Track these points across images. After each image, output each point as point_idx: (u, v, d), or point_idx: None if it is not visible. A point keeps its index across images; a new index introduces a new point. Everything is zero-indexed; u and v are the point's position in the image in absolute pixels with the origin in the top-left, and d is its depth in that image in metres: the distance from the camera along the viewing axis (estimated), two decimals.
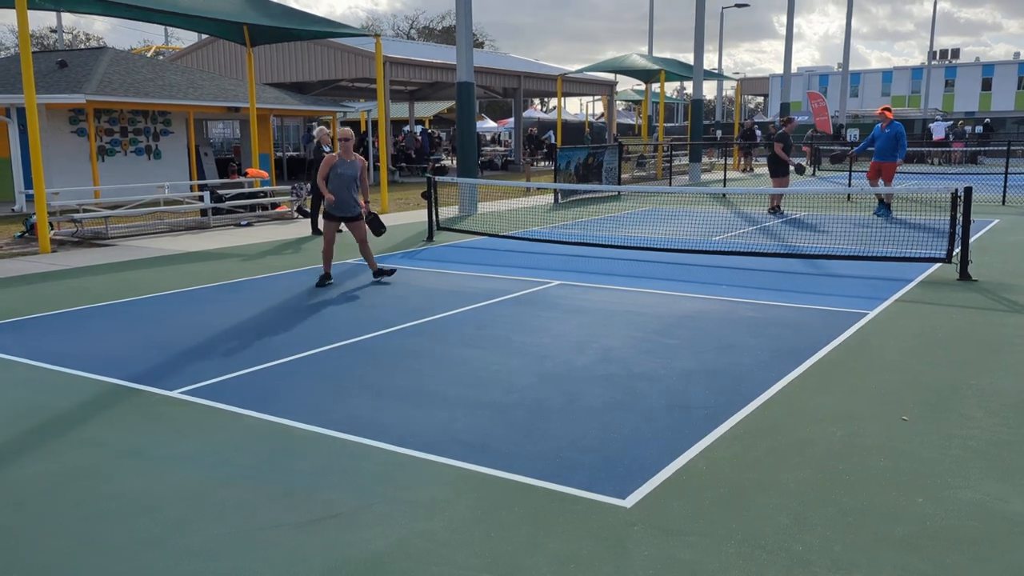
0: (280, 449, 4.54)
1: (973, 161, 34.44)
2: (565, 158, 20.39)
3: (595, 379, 5.75)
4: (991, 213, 15.92)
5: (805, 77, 74.90)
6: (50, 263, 11.23)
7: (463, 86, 17.13)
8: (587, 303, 8.31)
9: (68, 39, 59.19)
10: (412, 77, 29.75)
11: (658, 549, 3.43)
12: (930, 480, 4.09)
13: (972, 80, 70.55)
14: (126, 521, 3.72)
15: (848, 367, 6.01)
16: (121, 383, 5.74)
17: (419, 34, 71.30)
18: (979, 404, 5.19)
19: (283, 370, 6.03)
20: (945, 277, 9.42)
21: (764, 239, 12.86)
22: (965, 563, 3.31)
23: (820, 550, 3.42)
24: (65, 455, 4.49)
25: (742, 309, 7.96)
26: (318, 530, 3.62)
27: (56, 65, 20.61)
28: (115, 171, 20.35)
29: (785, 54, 33.93)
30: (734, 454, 4.43)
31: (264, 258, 11.53)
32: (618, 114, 50.83)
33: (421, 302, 8.36)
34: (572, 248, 11.86)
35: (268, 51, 29.46)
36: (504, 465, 4.27)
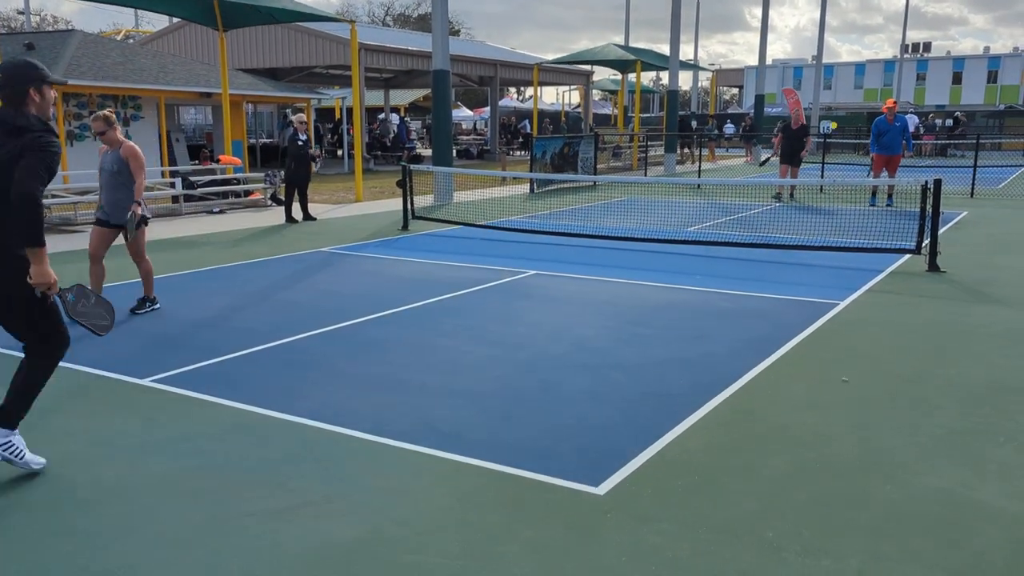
0: (253, 437, 4.52)
1: (943, 154, 34.90)
2: (542, 147, 20.40)
3: (570, 368, 5.78)
4: (960, 205, 16.15)
5: (780, 69, 75.45)
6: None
7: (439, 74, 17.05)
8: (562, 293, 8.33)
9: (36, 21, 58.10)
10: (387, 64, 29.56)
11: (631, 536, 3.46)
12: (897, 467, 4.16)
13: (943, 74, 71.48)
14: (97, 510, 3.69)
15: (819, 357, 6.09)
16: (91, 371, 5.68)
17: (395, 21, 70.79)
18: (946, 393, 5.28)
19: (256, 358, 6.00)
20: (914, 268, 9.56)
21: (738, 229, 12.96)
22: (930, 548, 3.37)
23: (790, 536, 3.47)
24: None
25: (715, 299, 8.03)
26: (292, 518, 3.61)
27: (23, 48, 20.23)
28: (84, 156, 20.03)
29: (760, 46, 34.11)
30: (706, 442, 4.47)
31: (237, 246, 11.43)
32: (594, 104, 50.89)
33: (396, 291, 8.34)
34: (548, 238, 11.88)
35: (241, 36, 29.10)
36: (479, 453, 4.29)
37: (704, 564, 3.25)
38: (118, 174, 7.16)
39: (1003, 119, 43.01)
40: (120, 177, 7.18)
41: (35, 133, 3.88)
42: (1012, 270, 9.50)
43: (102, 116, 7.25)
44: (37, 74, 4.03)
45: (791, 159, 17.26)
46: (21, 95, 3.97)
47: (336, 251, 10.92)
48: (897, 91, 56.59)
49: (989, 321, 7.13)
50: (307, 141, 13.97)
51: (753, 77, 46.82)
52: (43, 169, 3.83)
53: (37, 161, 3.82)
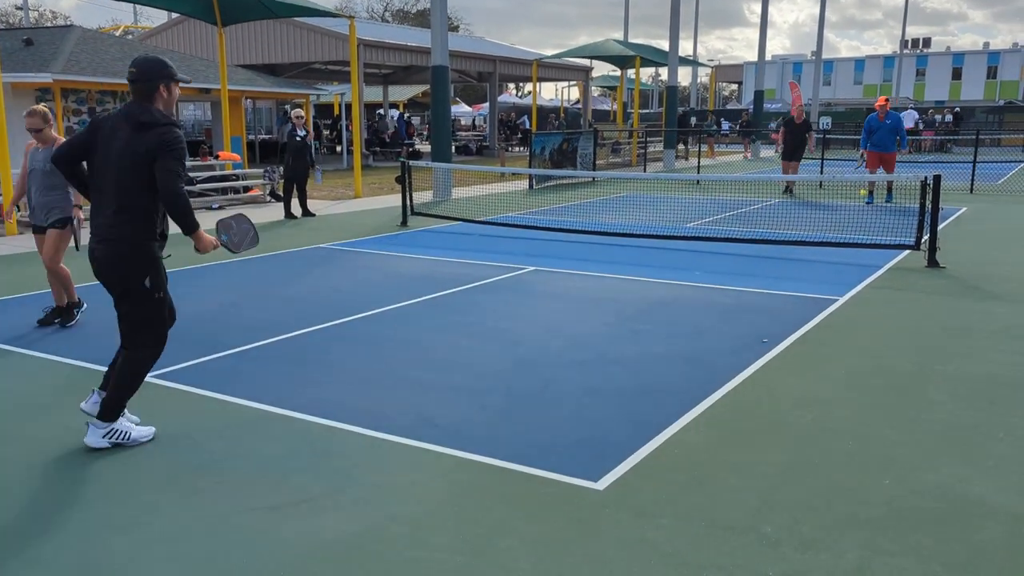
0: (251, 433, 4.52)
1: (943, 149, 34.89)
2: (541, 143, 20.38)
3: (569, 364, 5.78)
4: (959, 201, 16.15)
5: (779, 65, 75.37)
6: (16, 245, 11.04)
7: (438, 70, 17.03)
8: (561, 289, 8.33)
9: (34, 16, 58.01)
10: (386, 60, 29.52)
11: (629, 531, 3.47)
12: (896, 463, 4.16)
13: (943, 69, 71.42)
14: (95, 506, 3.70)
15: (818, 352, 6.09)
16: (90, 367, 5.68)
17: (394, 17, 70.68)
18: (945, 388, 5.29)
19: (255, 354, 6.00)
20: (914, 264, 9.56)
21: (737, 225, 12.96)
22: (929, 543, 3.38)
23: (788, 531, 3.47)
24: (32, 439, 4.44)
25: (715, 295, 8.03)
26: (291, 514, 3.62)
27: (22, 43, 20.20)
28: None
29: (760, 42, 34.08)
30: (705, 437, 4.48)
31: None
32: (593, 100, 50.84)
33: (394, 287, 8.34)
34: (547, 234, 11.88)
35: (240, 32, 29.06)
36: (478, 449, 4.29)
37: (703, 558, 3.26)
38: (51, 174, 6.54)
39: (1002, 115, 42.99)
40: (54, 178, 6.56)
41: (160, 128, 4.17)
42: (1011, 266, 9.50)
43: (40, 112, 6.73)
44: (167, 71, 4.32)
45: (793, 155, 17.26)
46: (152, 90, 4.26)
47: (335, 247, 10.92)
48: (896, 87, 56.57)
49: (988, 317, 7.14)
50: (306, 136, 13.96)
51: (752, 73, 46.79)
52: (178, 166, 4.20)
53: (172, 161, 4.15)
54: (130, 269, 4.28)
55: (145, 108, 4.22)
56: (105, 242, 4.24)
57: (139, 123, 4.16)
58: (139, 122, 4.16)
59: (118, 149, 4.17)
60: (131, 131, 4.16)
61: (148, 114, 4.20)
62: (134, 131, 4.16)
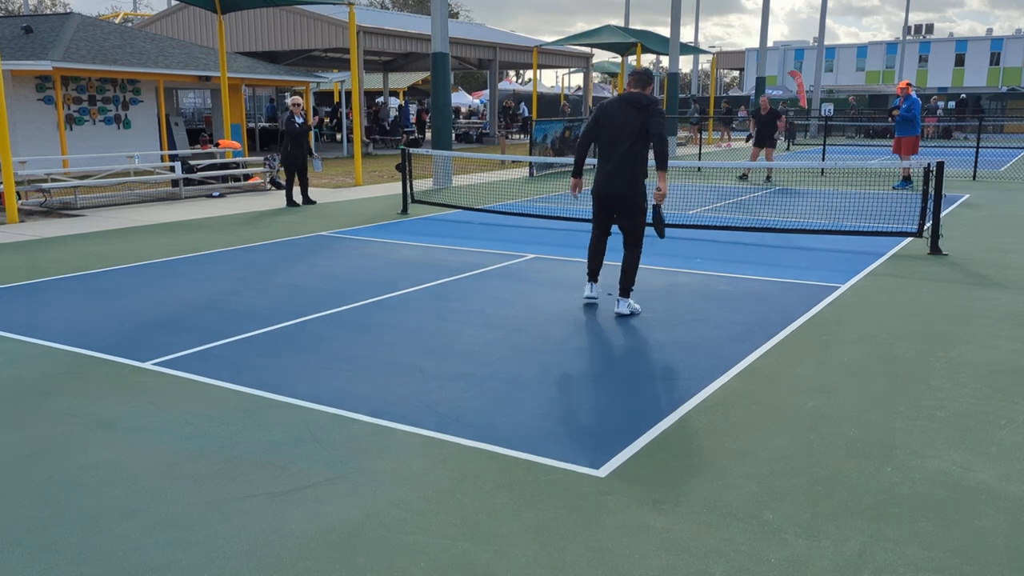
0: (253, 420, 4.52)
1: (946, 136, 34.80)
2: (542, 131, 20.31)
3: (569, 351, 5.78)
4: (962, 188, 16.12)
5: (781, 51, 75.07)
6: (18, 233, 11.03)
7: (438, 56, 16.97)
8: (562, 276, 8.32)
9: (33, 4, 57.76)
10: (386, 47, 29.40)
11: (631, 518, 3.47)
12: (898, 450, 4.16)
13: (945, 56, 71.13)
14: (99, 492, 3.70)
15: (820, 340, 6.08)
16: (93, 354, 5.68)
17: (393, 3, 70.36)
18: (947, 376, 5.28)
19: (255, 342, 5.99)
20: (916, 251, 9.54)
21: (738, 213, 12.93)
22: (931, 530, 3.38)
23: (790, 518, 3.47)
24: (37, 426, 4.45)
25: (716, 282, 8.02)
26: (292, 500, 3.62)
27: (21, 31, 20.12)
28: (84, 140, 19.99)
29: (761, 28, 33.93)
30: (707, 424, 4.48)
31: (236, 229, 11.41)
32: (594, 87, 50.64)
33: (395, 275, 8.33)
34: (547, 221, 11.85)
35: (239, 19, 28.95)
36: (479, 436, 4.29)
37: (704, 545, 3.26)
38: None
39: (1005, 101, 42.83)
40: None
41: (656, 105, 6.48)
42: (1014, 253, 9.48)
43: None
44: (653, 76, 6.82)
45: (762, 142, 18.24)
46: (648, 84, 6.64)
47: (336, 235, 10.90)
48: (899, 73, 56.32)
49: (991, 304, 7.12)
50: (305, 122, 13.92)
51: (754, 59, 46.57)
52: (665, 125, 6.47)
53: (662, 120, 6.47)
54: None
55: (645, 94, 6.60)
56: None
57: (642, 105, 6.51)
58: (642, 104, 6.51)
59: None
60: (636, 111, 6.51)
61: (647, 98, 6.58)
62: (638, 111, 6.49)
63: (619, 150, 6.49)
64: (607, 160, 6.61)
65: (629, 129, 6.44)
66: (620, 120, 6.50)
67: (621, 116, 6.50)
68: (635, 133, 6.43)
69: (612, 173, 6.58)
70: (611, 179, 6.60)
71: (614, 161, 6.54)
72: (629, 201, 6.62)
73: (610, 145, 6.56)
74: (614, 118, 6.54)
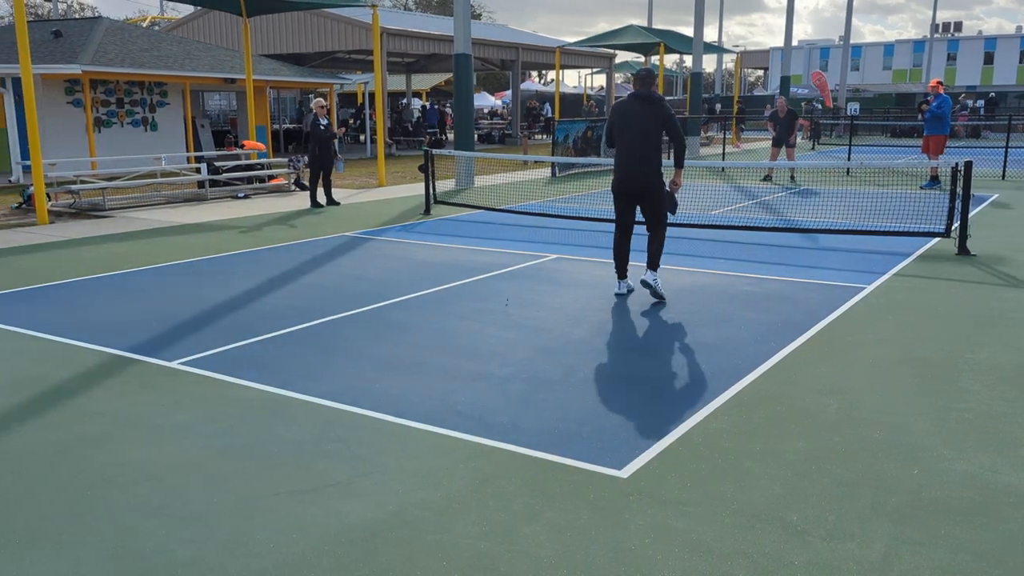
0: (277, 419, 4.56)
1: (975, 135, 34.34)
2: (564, 131, 20.29)
3: (592, 352, 5.77)
4: (991, 188, 15.90)
5: (806, 50, 74.44)
6: (48, 234, 11.20)
7: (461, 58, 17.00)
8: (584, 277, 8.31)
9: (63, 8, 58.59)
10: (409, 49, 29.52)
11: (654, 519, 3.46)
12: (925, 452, 4.12)
13: (974, 53, 70.11)
14: (126, 489, 3.75)
15: (845, 341, 6.03)
16: (120, 354, 5.76)
17: (417, 5, 70.60)
18: (975, 377, 5.22)
19: (280, 341, 6.04)
20: (943, 251, 9.43)
21: (762, 213, 12.84)
22: (958, 533, 3.34)
23: (814, 520, 3.45)
24: (66, 424, 4.51)
25: (739, 283, 7.97)
26: (316, 499, 3.64)
27: (51, 35, 20.42)
28: (111, 142, 20.25)
29: (786, 27, 33.67)
30: (730, 425, 4.45)
31: (261, 230, 11.51)
32: (617, 87, 50.48)
33: (418, 275, 8.36)
34: (569, 222, 11.84)
35: (264, 22, 29.19)
36: (501, 436, 4.30)
37: (727, 547, 3.24)
38: None
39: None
40: None
41: (664, 101, 7.16)
42: None
43: None
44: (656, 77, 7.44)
45: (781, 142, 18.28)
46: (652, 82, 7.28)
47: (359, 235, 10.96)
48: (927, 71, 55.67)
49: (1020, 305, 7.02)
50: (329, 124, 14.00)
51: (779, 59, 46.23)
52: (679, 125, 7.13)
53: (676, 123, 7.11)
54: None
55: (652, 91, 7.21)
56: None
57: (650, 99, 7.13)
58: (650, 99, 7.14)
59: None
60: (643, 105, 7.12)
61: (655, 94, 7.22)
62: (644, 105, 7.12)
63: (635, 144, 7.09)
64: (625, 154, 7.17)
65: (642, 124, 7.06)
66: (634, 117, 7.11)
67: (634, 113, 7.11)
68: (648, 127, 7.04)
69: (631, 165, 7.15)
70: (631, 171, 7.17)
71: (631, 154, 7.12)
72: (649, 188, 7.19)
73: (627, 140, 7.14)
74: (628, 116, 7.14)
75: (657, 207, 7.29)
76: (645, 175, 7.14)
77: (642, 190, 7.21)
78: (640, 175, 7.15)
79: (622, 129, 7.16)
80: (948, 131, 16.18)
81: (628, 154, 7.14)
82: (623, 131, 7.16)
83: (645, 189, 7.20)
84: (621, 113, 7.21)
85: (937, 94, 15.87)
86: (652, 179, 7.17)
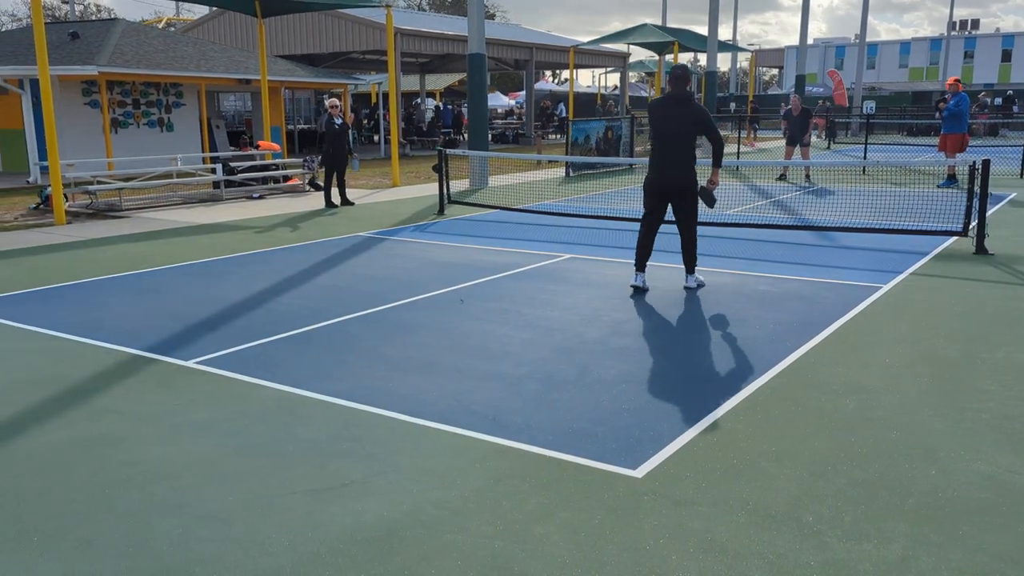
0: (292, 418, 4.58)
1: (994, 134, 34.04)
2: (582, 131, 20.24)
3: (606, 352, 5.76)
4: (1009, 186, 15.75)
5: (821, 49, 73.97)
6: (65, 234, 11.29)
7: (474, 57, 17.01)
8: (598, 276, 8.30)
9: (79, 10, 59.06)
10: (423, 49, 29.57)
11: (669, 519, 3.45)
12: (942, 452, 4.08)
13: (991, 51, 69.46)
14: (143, 487, 3.77)
15: (861, 340, 5.99)
16: (137, 353, 5.80)
17: (430, 5, 70.71)
18: (993, 377, 5.17)
19: (295, 341, 6.07)
20: (961, 251, 9.35)
21: (777, 212, 12.78)
22: (976, 534, 3.31)
23: (830, 520, 3.43)
24: (83, 423, 4.55)
25: (755, 282, 7.94)
26: (331, 498, 3.66)
27: (68, 36, 20.59)
28: (128, 143, 20.39)
29: (801, 25, 33.53)
30: (745, 425, 4.43)
31: (276, 230, 11.56)
32: (631, 86, 50.40)
33: (432, 275, 8.37)
34: (584, 221, 11.83)
35: (279, 23, 29.31)
36: (516, 436, 4.30)
37: (742, 547, 3.23)
38: None
39: None
40: None
41: (699, 104, 7.38)
42: None
43: None
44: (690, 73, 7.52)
45: (794, 141, 18.13)
46: (687, 81, 7.44)
47: (374, 235, 10.99)
48: (943, 69, 55.20)
49: None
50: (344, 124, 14.04)
51: (793, 57, 46.00)
52: (715, 123, 7.38)
53: (713, 123, 7.41)
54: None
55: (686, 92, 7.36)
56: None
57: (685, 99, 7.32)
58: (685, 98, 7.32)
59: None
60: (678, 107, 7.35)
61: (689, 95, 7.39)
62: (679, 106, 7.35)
63: (671, 143, 7.31)
64: (661, 153, 7.40)
65: (678, 124, 7.27)
66: (670, 116, 7.32)
67: (670, 113, 7.33)
68: (684, 128, 7.27)
69: (667, 164, 7.37)
70: (666, 170, 7.39)
71: (667, 153, 7.35)
72: (684, 188, 7.39)
73: (663, 140, 7.37)
74: (665, 115, 7.36)
75: (690, 205, 7.46)
76: (681, 175, 7.34)
77: (678, 189, 7.40)
78: (676, 175, 7.34)
79: (659, 130, 7.38)
80: (966, 129, 16.05)
81: (665, 154, 7.35)
82: (660, 132, 7.37)
83: (681, 188, 7.39)
84: (657, 114, 7.41)
85: (955, 92, 15.76)
86: (688, 178, 7.35)
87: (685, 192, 7.40)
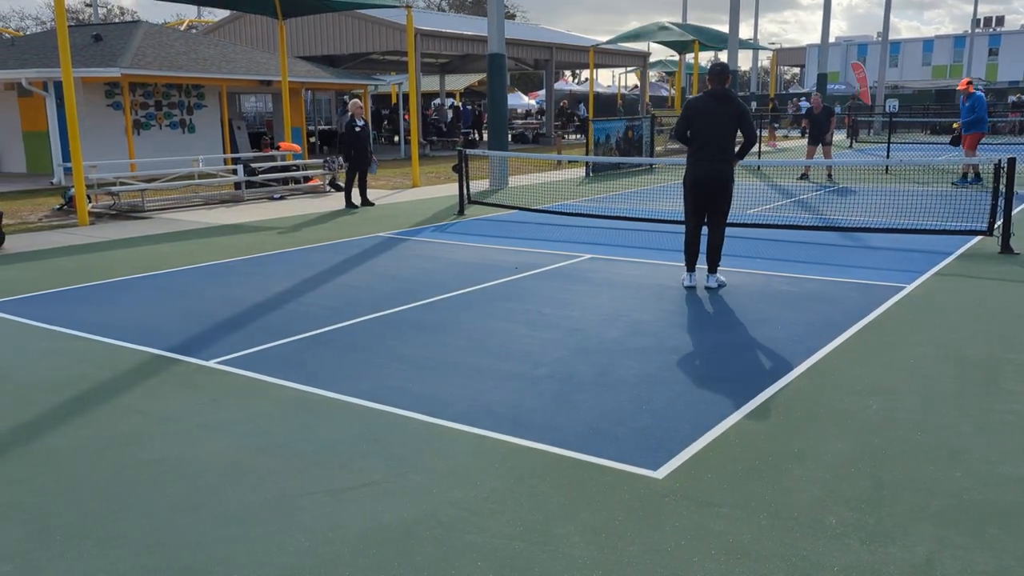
0: (313, 418, 4.59)
1: (1022, 132, 33.59)
2: (603, 131, 20.18)
3: (627, 352, 5.73)
4: None
5: (843, 47, 73.35)
6: (88, 235, 11.40)
7: (494, 57, 17.02)
8: (618, 277, 8.27)
9: (103, 13, 59.69)
10: (443, 49, 29.61)
11: (690, 520, 3.43)
12: (967, 454, 4.03)
13: (1017, 48, 68.57)
14: (165, 487, 3.80)
15: (885, 341, 5.92)
16: (159, 353, 5.84)
17: (450, 6, 70.84)
18: (1019, 378, 5.10)
19: (316, 341, 6.09)
20: (986, 250, 9.23)
21: (799, 212, 12.68)
22: (1002, 537, 3.26)
23: (854, 522, 3.39)
24: (105, 422, 4.59)
25: (777, 282, 7.87)
26: (352, 498, 3.66)
27: (91, 39, 20.80)
28: (150, 145, 20.58)
29: (823, 24, 33.27)
30: (767, 426, 4.40)
31: (297, 231, 11.62)
32: (651, 86, 50.20)
33: (452, 275, 8.38)
34: (604, 221, 11.79)
35: (299, 24, 29.46)
36: (536, 436, 4.29)
37: (765, 550, 3.20)
38: None
39: None
40: None
41: (739, 101, 7.41)
42: None
43: None
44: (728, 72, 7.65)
45: (816, 140, 18.00)
46: (727, 78, 7.47)
47: (394, 236, 11.01)
48: (968, 67, 54.56)
49: None
50: (365, 125, 14.08)
51: (815, 55, 45.65)
52: (752, 121, 7.52)
53: (751, 120, 7.54)
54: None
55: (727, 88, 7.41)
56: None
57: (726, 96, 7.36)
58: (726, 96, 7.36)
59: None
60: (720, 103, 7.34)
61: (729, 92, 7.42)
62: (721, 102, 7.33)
63: (714, 140, 7.33)
64: (704, 149, 7.39)
65: (720, 121, 7.32)
66: (713, 114, 7.35)
67: (713, 110, 7.35)
68: (725, 125, 7.33)
69: (709, 160, 7.38)
70: (708, 166, 7.39)
71: (710, 150, 7.36)
72: (724, 184, 7.43)
73: (706, 136, 7.36)
74: (707, 112, 7.37)
75: (726, 204, 7.53)
76: (723, 172, 7.39)
77: (720, 186, 7.43)
78: (719, 172, 7.38)
79: (701, 128, 7.37)
80: (986, 129, 15.86)
81: (706, 151, 7.37)
82: (702, 129, 7.36)
83: (723, 185, 7.43)
84: (699, 112, 7.40)
85: (970, 94, 15.50)
86: (728, 176, 7.42)
87: (724, 187, 7.43)
